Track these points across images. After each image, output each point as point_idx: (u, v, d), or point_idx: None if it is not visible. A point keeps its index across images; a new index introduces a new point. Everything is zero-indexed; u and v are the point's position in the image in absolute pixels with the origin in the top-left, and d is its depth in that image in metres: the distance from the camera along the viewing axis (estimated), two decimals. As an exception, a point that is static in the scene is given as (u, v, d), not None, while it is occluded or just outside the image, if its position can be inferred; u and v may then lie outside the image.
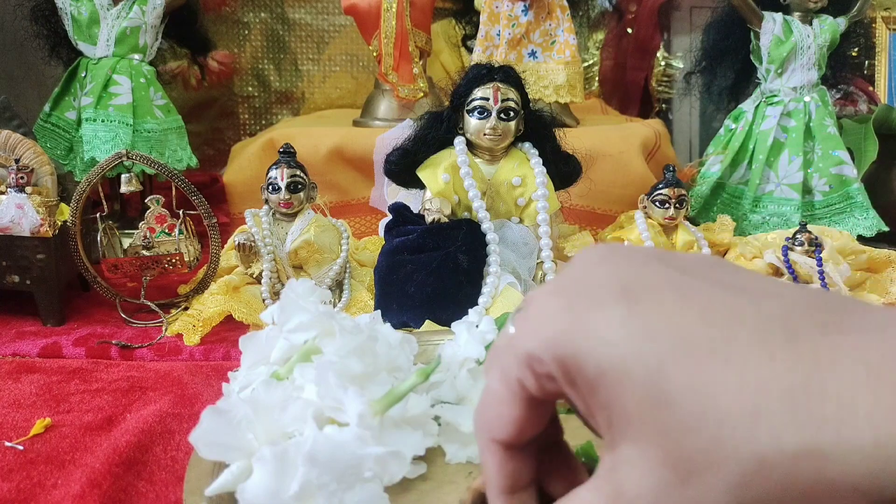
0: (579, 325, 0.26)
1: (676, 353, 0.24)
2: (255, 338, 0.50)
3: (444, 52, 1.50)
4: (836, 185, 1.03)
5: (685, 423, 0.23)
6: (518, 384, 0.28)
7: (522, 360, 0.27)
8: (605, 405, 0.25)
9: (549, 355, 0.26)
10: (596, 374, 0.25)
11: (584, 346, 0.25)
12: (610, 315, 0.25)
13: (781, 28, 1.03)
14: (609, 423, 0.25)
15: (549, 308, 0.27)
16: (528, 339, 0.27)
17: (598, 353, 0.25)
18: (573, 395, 0.26)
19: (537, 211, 0.79)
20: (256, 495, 0.37)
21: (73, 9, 1.05)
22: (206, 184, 1.37)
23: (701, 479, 0.23)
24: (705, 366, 0.24)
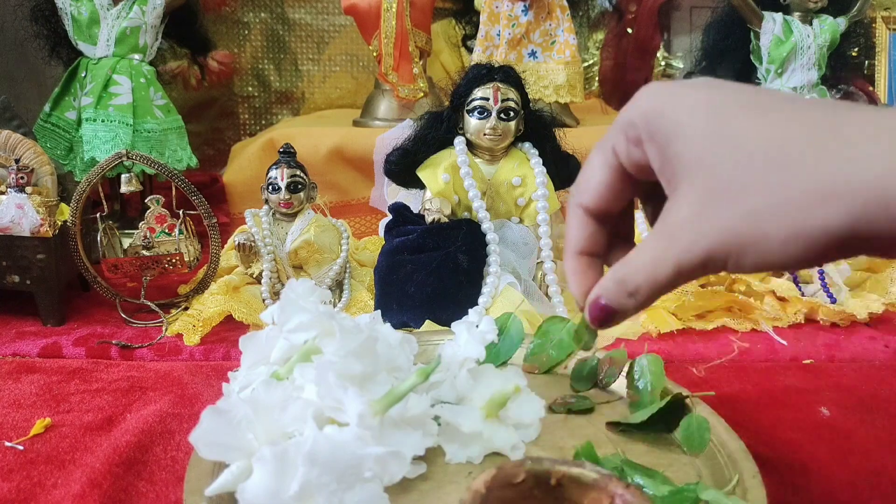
0: (669, 97, 0.33)
1: (737, 112, 0.31)
2: (255, 338, 0.50)
3: (444, 52, 1.50)
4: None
5: (728, 154, 0.30)
6: (611, 151, 0.35)
7: (620, 126, 0.35)
8: (673, 153, 0.32)
9: (639, 118, 0.33)
10: (672, 126, 0.32)
11: (668, 108, 0.32)
12: (697, 91, 0.33)
13: (781, 28, 1.03)
14: (673, 169, 0.32)
15: (653, 89, 0.34)
16: (628, 109, 0.34)
17: (678, 112, 0.32)
18: (651, 152, 0.33)
19: (537, 211, 0.79)
20: (256, 495, 0.37)
21: (73, 9, 1.05)
22: (206, 184, 1.37)
23: (729, 198, 0.30)
24: (757, 117, 0.30)
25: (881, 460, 0.53)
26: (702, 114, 0.31)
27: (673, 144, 0.32)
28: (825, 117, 0.29)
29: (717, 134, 0.31)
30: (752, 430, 0.55)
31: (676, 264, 0.31)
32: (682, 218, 0.31)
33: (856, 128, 0.28)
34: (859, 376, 0.68)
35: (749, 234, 0.29)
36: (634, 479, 0.43)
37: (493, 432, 0.47)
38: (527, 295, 0.76)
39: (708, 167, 0.31)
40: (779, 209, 0.29)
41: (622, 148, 0.35)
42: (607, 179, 0.36)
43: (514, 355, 0.60)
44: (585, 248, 0.38)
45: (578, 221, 0.38)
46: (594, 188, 0.36)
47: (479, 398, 0.49)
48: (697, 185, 0.31)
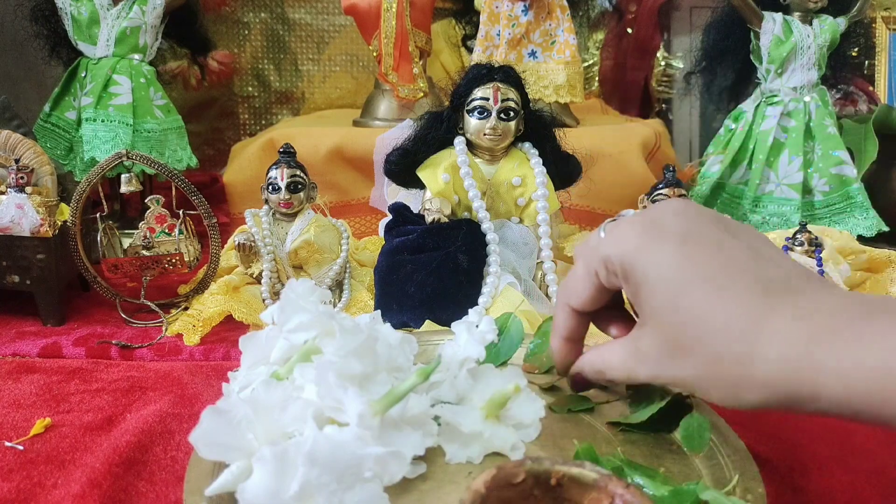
0: (644, 248, 0.41)
1: (697, 283, 0.39)
2: (255, 338, 0.50)
3: (444, 52, 1.50)
4: (836, 185, 1.03)
5: (684, 322, 0.39)
6: (594, 273, 0.45)
7: (601, 259, 0.43)
8: (643, 300, 0.41)
9: (618, 260, 0.42)
10: (641, 279, 0.40)
11: (641, 261, 0.41)
12: (665, 248, 0.40)
13: (781, 28, 1.03)
14: (641, 309, 0.41)
15: (629, 231, 0.42)
16: (609, 246, 0.43)
17: (648, 268, 0.40)
18: (626, 289, 0.43)
19: (537, 211, 0.79)
20: (256, 495, 0.37)
21: (73, 9, 1.05)
22: (206, 184, 1.37)
23: (680, 356, 0.39)
24: (712, 295, 0.38)
25: (881, 460, 0.53)
26: (665, 279, 0.39)
27: (641, 293, 0.41)
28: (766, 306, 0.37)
29: (676, 302, 0.39)
30: (752, 430, 0.55)
31: (645, 380, 0.43)
32: (648, 351, 0.41)
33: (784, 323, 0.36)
34: (859, 376, 0.68)
35: (697, 386, 0.40)
36: (634, 479, 0.43)
37: (493, 432, 0.47)
38: (527, 295, 0.76)
39: (668, 326, 0.40)
40: (717, 381, 0.38)
41: (602, 274, 0.44)
42: (590, 291, 0.46)
43: (514, 355, 0.60)
44: (570, 335, 0.49)
45: (565, 314, 0.49)
46: (580, 296, 0.46)
47: (479, 398, 0.49)
48: (658, 335, 0.41)
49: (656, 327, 0.40)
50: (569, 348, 0.49)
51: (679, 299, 0.39)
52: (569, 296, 0.47)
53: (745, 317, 0.37)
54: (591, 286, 0.45)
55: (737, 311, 0.37)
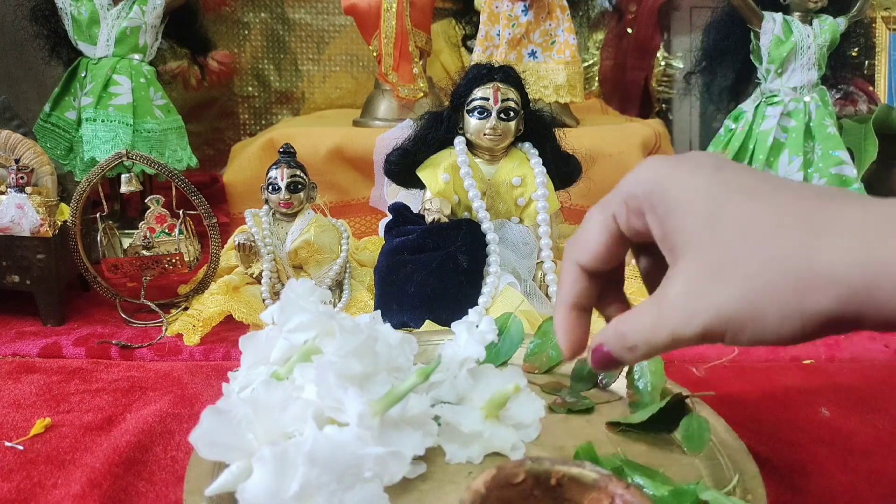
0: (675, 173, 0.35)
1: (735, 197, 0.33)
2: (255, 338, 0.50)
3: (444, 52, 1.50)
4: (836, 184, 1.03)
5: (725, 235, 0.32)
6: (611, 217, 0.38)
7: (621, 196, 0.37)
8: (674, 227, 0.34)
9: (644, 189, 0.36)
10: (673, 203, 0.34)
11: (669, 184, 0.35)
12: (700, 173, 0.35)
13: (781, 28, 1.03)
14: (673, 243, 0.34)
15: (656, 162, 0.36)
16: (630, 181, 0.37)
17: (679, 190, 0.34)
18: (652, 223, 0.36)
19: (537, 211, 0.79)
20: (256, 495, 0.37)
21: (73, 9, 1.05)
22: (206, 184, 1.37)
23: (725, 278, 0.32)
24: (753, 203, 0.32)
25: (881, 460, 0.53)
26: (702, 194, 0.34)
27: (673, 218, 0.34)
28: (818, 205, 0.32)
29: (716, 215, 0.33)
30: (752, 430, 0.55)
31: (672, 334, 0.34)
32: (679, 291, 0.33)
33: (843, 218, 0.31)
34: (859, 376, 0.68)
35: (746, 313, 0.31)
36: (634, 479, 0.43)
37: (493, 432, 0.47)
38: (527, 295, 0.76)
39: (706, 246, 0.33)
40: (774, 291, 0.31)
41: (622, 216, 0.37)
42: (605, 242, 0.38)
43: (514, 355, 0.60)
44: (578, 301, 0.40)
45: (573, 277, 0.40)
46: (592, 249, 0.39)
47: (479, 398, 0.49)
48: (695, 262, 0.33)
49: (693, 253, 0.34)
50: (577, 319, 0.41)
51: (721, 210, 0.33)
52: (578, 252, 0.40)
53: (801, 212, 0.32)
54: (608, 235, 0.38)
55: (790, 209, 0.32)
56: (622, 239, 0.38)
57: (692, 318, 0.33)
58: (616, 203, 0.37)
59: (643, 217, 0.36)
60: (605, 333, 0.37)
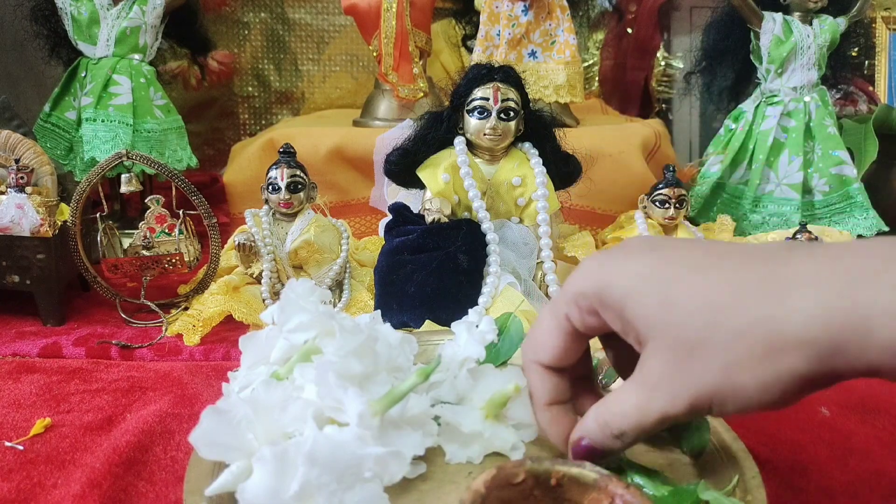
0: (615, 266, 0.35)
1: (682, 273, 0.33)
2: (255, 338, 0.50)
3: (444, 52, 1.50)
4: (836, 184, 1.03)
5: (686, 315, 0.32)
6: (564, 318, 0.38)
7: (570, 297, 0.37)
8: (631, 317, 0.34)
9: (591, 288, 0.36)
10: (623, 296, 0.34)
11: (616, 278, 0.35)
12: (638, 258, 0.35)
13: (781, 28, 1.03)
14: (636, 332, 0.34)
15: (593, 261, 0.37)
16: (576, 281, 0.37)
17: (626, 281, 0.35)
18: (609, 318, 0.36)
19: (537, 211, 0.79)
20: (256, 495, 0.37)
21: (73, 9, 1.05)
22: (206, 184, 1.37)
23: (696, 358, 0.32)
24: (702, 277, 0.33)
25: (881, 461, 0.53)
26: (647, 279, 0.34)
27: (627, 310, 0.34)
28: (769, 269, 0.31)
29: (668, 298, 0.33)
30: (752, 430, 0.55)
31: (661, 414, 0.34)
32: (658, 373, 0.34)
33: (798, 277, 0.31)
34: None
35: (726, 387, 0.32)
36: (634, 479, 0.43)
37: (493, 432, 0.47)
38: (527, 295, 0.76)
39: (668, 329, 0.33)
40: (747, 362, 0.31)
41: (575, 316, 0.37)
42: (561, 342, 0.39)
43: (514, 355, 0.60)
44: (552, 398, 0.40)
45: (539, 377, 0.40)
46: (549, 350, 0.39)
47: (479, 398, 0.49)
48: (663, 345, 0.33)
49: (658, 339, 0.34)
50: (557, 413, 0.40)
51: (670, 291, 0.33)
52: (536, 353, 0.40)
53: (754, 278, 0.31)
54: (563, 334, 0.38)
55: (742, 277, 0.32)
56: (578, 336, 0.39)
57: (677, 398, 0.33)
58: (566, 304, 0.38)
59: (597, 315, 0.36)
60: (585, 427, 0.37)
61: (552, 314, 0.38)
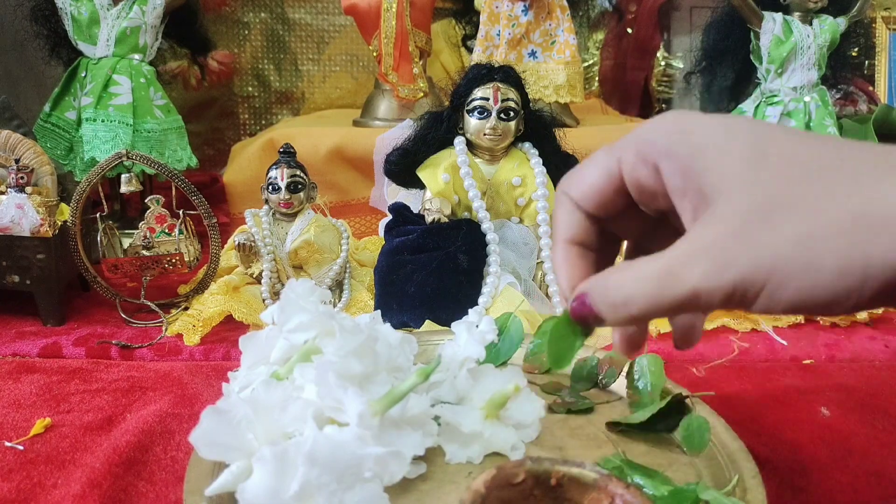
0: (699, 118, 0.30)
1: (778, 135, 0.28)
2: (255, 338, 0.50)
3: (444, 52, 1.50)
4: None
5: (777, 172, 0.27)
6: (616, 160, 0.33)
7: (633, 139, 0.32)
8: (702, 169, 0.29)
9: (662, 133, 0.31)
10: (700, 143, 0.29)
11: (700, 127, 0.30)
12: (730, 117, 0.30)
13: (781, 28, 1.03)
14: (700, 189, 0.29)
15: (672, 112, 0.32)
16: (647, 126, 0.32)
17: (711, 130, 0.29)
18: (668, 171, 0.30)
19: (537, 211, 0.79)
20: (256, 495, 0.37)
21: (73, 9, 1.05)
22: (206, 184, 1.37)
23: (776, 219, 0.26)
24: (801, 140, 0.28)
25: (881, 461, 0.53)
26: (741, 133, 0.29)
27: (702, 159, 0.29)
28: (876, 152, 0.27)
29: (762, 150, 0.28)
30: (752, 430, 0.55)
31: (694, 288, 0.27)
32: (711, 237, 0.27)
33: None
34: (859, 376, 0.68)
35: (798, 260, 0.26)
36: (634, 479, 0.43)
37: (493, 432, 0.47)
38: (527, 295, 0.76)
39: (749, 186, 0.27)
40: (836, 234, 0.25)
41: (629, 160, 0.32)
42: (600, 185, 0.33)
43: (514, 355, 0.60)
44: (575, 236, 0.35)
45: (566, 210, 0.35)
46: (585, 185, 0.34)
47: (479, 398, 0.49)
48: (736, 204, 0.27)
49: (733, 195, 0.27)
50: (576, 254, 0.35)
51: (766, 147, 0.28)
52: (571, 184, 0.34)
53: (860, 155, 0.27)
54: (606, 177, 0.33)
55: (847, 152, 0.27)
56: (620, 187, 0.33)
57: (724, 268, 0.27)
58: (625, 147, 0.32)
59: (654, 169, 0.31)
60: (595, 281, 0.31)
61: (605, 152, 0.33)
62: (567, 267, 0.35)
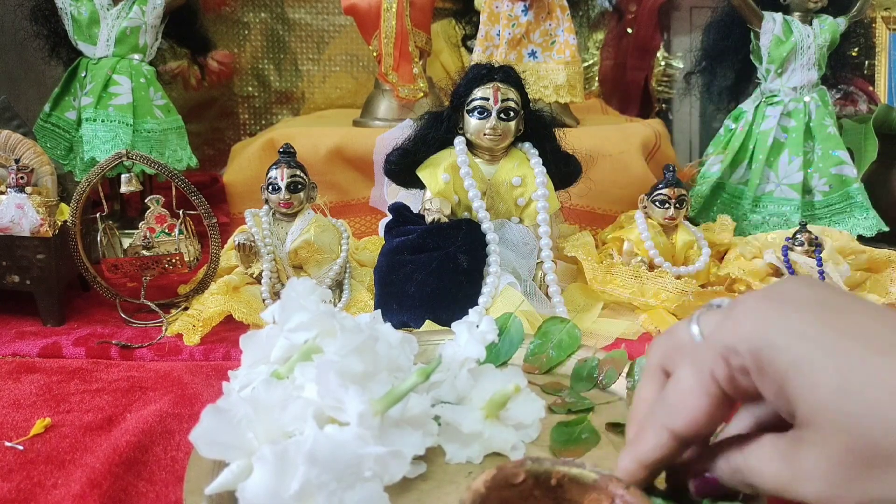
0: (778, 322, 0.29)
1: (861, 352, 0.27)
2: (256, 337, 0.50)
3: (444, 52, 1.50)
4: (836, 185, 1.03)
5: (869, 414, 0.26)
6: (710, 378, 0.32)
7: (719, 352, 0.31)
8: (794, 396, 0.28)
9: (745, 347, 0.30)
10: (788, 365, 0.28)
11: (781, 340, 0.29)
12: (807, 317, 0.29)
13: (781, 28, 1.03)
14: (795, 411, 0.29)
15: (750, 308, 0.31)
16: (728, 333, 0.31)
17: (794, 346, 0.28)
18: (763, 386, 0.30)
19: (537, 211, 0.79)
20: (256, 494, 0.37)
21: (73, 9, 1.05)
22: (206, 184, 1.37)
23: (878, 467, 0.25)
24: (887, 363, 0.26)
25: (881, 460, 0.53)
26: (821, 351, 0.28)
27: (792, 387, 0.28)
28: None
29: (847, 383, 0.27)
30: (752, 430, 0.55)
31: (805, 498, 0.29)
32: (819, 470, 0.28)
33: None
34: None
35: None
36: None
37: (493, 432, 0.47)
38: (527, 295, 0.76)
39: (843, 425, 0.27)
40: None
41: (723, 374, 0.31)
42: (706, 408, 0.32)
43: (514, 355, 0.60)
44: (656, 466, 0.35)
45: (660, 443, 0.34)
46: (689, 416, 0.33)
47: (479, 398, 0.49)
48: (832, 442, 0.27)
49: (825, 432, 0.27)
50: (645, 475, 0.35)
51: (852, 379, 0.27)
52: (671, 417, 0.33)
53: None
54: (707, 397, 0.32)
55: None
56: (726, 400, 0.32)
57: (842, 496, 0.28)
58: (713, 360, 0.31)
59: (749, 376, 0.30)
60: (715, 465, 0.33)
61: (695, 371, 0.32)
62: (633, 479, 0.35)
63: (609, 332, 0.77)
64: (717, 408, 0.32)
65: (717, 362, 0.31)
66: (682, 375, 0.33)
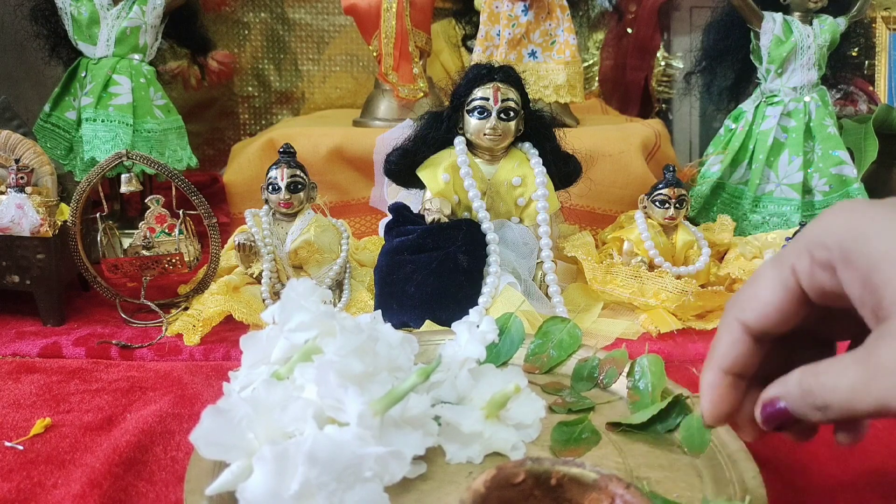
0: (870, 215, 0.29)
1: None
2: (256, 337, 0.50)
3: (444, 52, 1.50)
4: (836, 185, 1.03)
5: None
6: (790, 270, 0.31)
7: (804, 245, 0.31)
8: (881, 283, 0.28)
9: (834, 239, 0.29)
10: (879, 254, 0.28)
11: (872, 230, 0.28)
12: None
13: (781, 28, 1.03)
14: (879, 301, 0.28)
15: (840, 207, 0.31)
16: (815, 228, 0.31)
17: (886, 235, 0.28)
18: (847, 279, 0.29)
19: (537, 211, 0.79)
20: (256, 495, 0.37)
21: (73, 9, 1.05)
22: (206, 184, 1.37)
23: None
24: None
25: (881, 460, 0.53)
26: None
27: (879, 273, 0.28)
28: None
29: None
30: (752, 430, 0.55)
31: (881, 403, 0.28)
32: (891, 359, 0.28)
33: None
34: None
35: None
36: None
37: (494, 432, 0.47)
38: (527, 295, 0.76)
39: None
40: None
41: (805, 269, 0.31)
42: (780, 301, 0.32)
43: (514, 355, 0.60)
44: (735, 367, 0.34)
45: (733, 338, 0.34)
46: (763, 307, 0.32)
47: (479, 398, 0.49)
48: None
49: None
50: (730, 387, 0.35)
51: None
52: (744, 309, 0.33)
53: None
54: (784, 292, 0.32)
55: None
56: (802, 298, 0.32)
57: None
58: (797, 254, 0.31)
59: (833, 273, 0.30)
60: (786, 386, 0.32)
61: (776, 264, 0.32)
62: (717, 397, 0.35)
63: (609, 331, 0.77)
64: (791, 303, 0.32)
65: (800, 256, 0.31)
66: (762, 270, 0.33)
